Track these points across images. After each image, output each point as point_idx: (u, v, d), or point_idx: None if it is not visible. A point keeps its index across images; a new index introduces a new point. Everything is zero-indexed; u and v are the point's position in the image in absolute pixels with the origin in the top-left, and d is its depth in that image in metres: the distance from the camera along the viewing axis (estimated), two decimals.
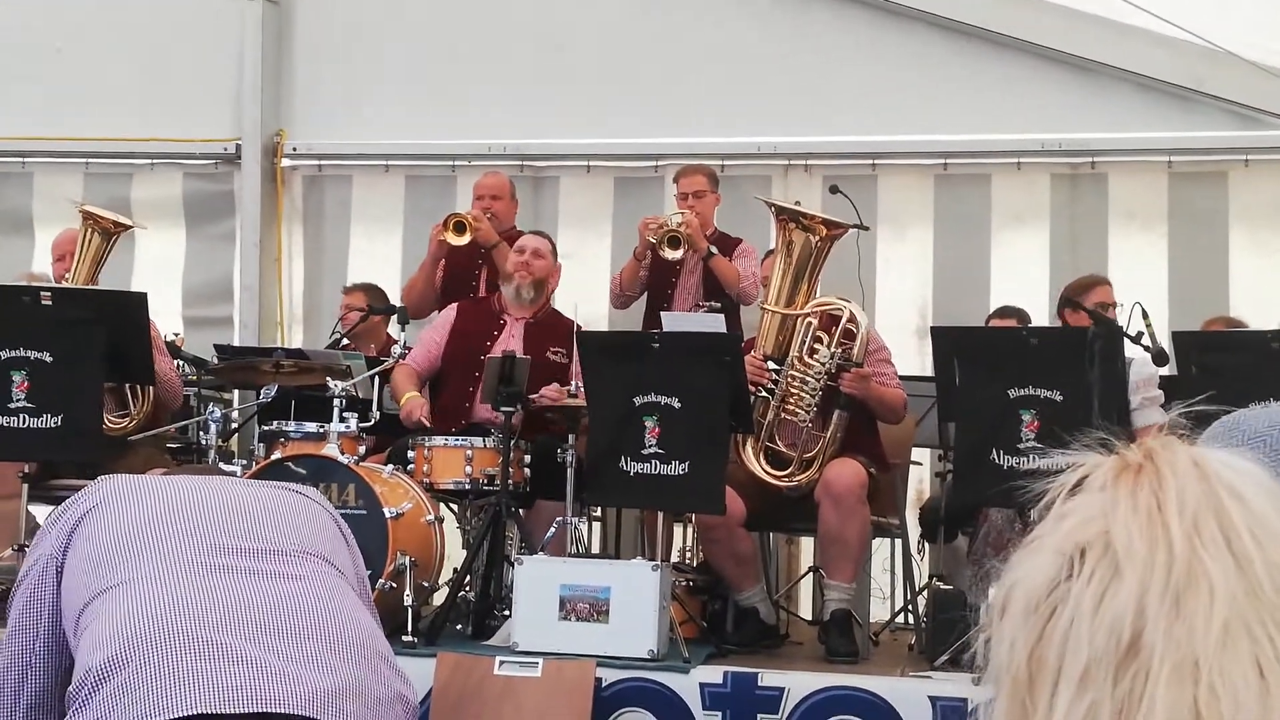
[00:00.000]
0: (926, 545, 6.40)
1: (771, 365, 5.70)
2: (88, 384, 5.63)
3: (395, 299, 7.26)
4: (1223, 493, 0.96)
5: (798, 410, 5.68)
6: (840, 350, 5.68)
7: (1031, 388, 5.36)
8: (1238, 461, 0.99)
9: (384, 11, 8.36)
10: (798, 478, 5.67)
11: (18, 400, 5.51)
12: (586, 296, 7.14)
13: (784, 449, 5.73)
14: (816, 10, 7.82)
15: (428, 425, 6.06)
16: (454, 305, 6.72)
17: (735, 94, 7.86)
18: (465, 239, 6.81)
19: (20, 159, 8.59)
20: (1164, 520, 0.95)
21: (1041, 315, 6.78)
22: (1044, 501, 1.00)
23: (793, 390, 5.69)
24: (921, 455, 6.84)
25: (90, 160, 8.55)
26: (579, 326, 6.38)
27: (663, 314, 6.65)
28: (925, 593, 5.95)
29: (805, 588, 6.70)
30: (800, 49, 7.83)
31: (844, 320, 5.68)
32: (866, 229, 6.03)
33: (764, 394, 5.69)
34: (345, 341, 7.16)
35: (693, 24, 7.98)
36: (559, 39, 8.13)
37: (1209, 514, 0.95)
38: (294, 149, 8.47)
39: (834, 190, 6.10)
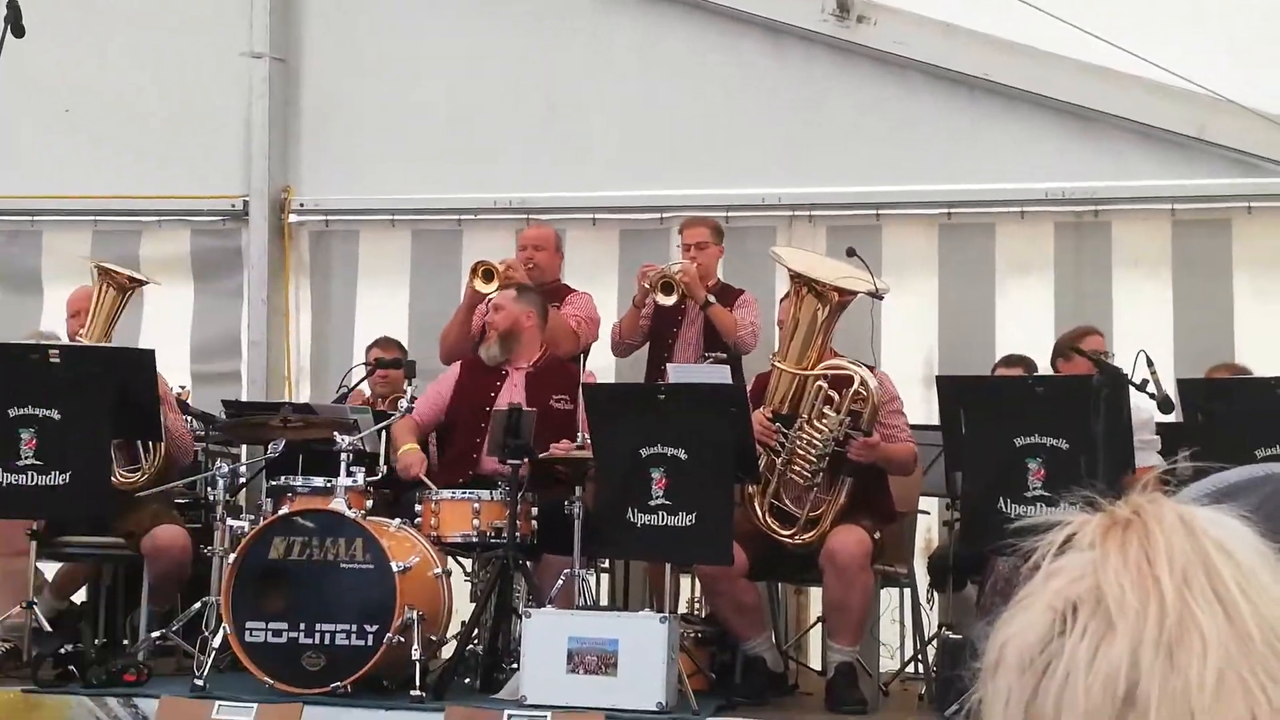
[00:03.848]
0: (935, 594, 6.38)
1: (779, 426, 5.70)
2: (96, 441, 5.65)
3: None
4: (1210, 547, 0.97)
5: (803, 472, 5.67)
6: (849, 416, 5.67)
7: (1037, 436, 5.37)
8: (1224, 519, 1.00)
9: (390, 68, 8.42)
10: (802, 536, 5.66)
11: (26, 458, 5.52)
12: (594, 348, 7.17)
13: (790, 506, 5.72)
14: (818, 62, 7.87)
15: (424, 481, 6.04)
16: (459, 362, 6.73)
17: (739, 146, 7.90)
18: (493, 286, 6.79)
19: (29, 217, 8.63)
20: (1154, 574, 0.96)
21: (1047, 364, 6.77)
22: (1031, 561, 1.01)
23: (799, 452, 5.68)
24: (929, 504, 6.83)
25: (99, 218, 8.59)
26: (589, 374, 6.38)
27: (668, 365, 6.66)
28: (934, 642, 5.93)
29: (814, 638, 6.68)
30: (803, 101, 7.87)
31: (855, 385, 5.67)
32: (881, 297, 6.03)
33: (770, 453, 5.69)
34: (368, 394, 7.22)
35: (695, 77, 8.03)
36: (563, 93, 8.18)
37: (1198, 568, 0.96)
38: (301, 205, 8.50)
39: (850, 253, 6.10)
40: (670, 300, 6.80)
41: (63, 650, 5.49)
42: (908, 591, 6.20)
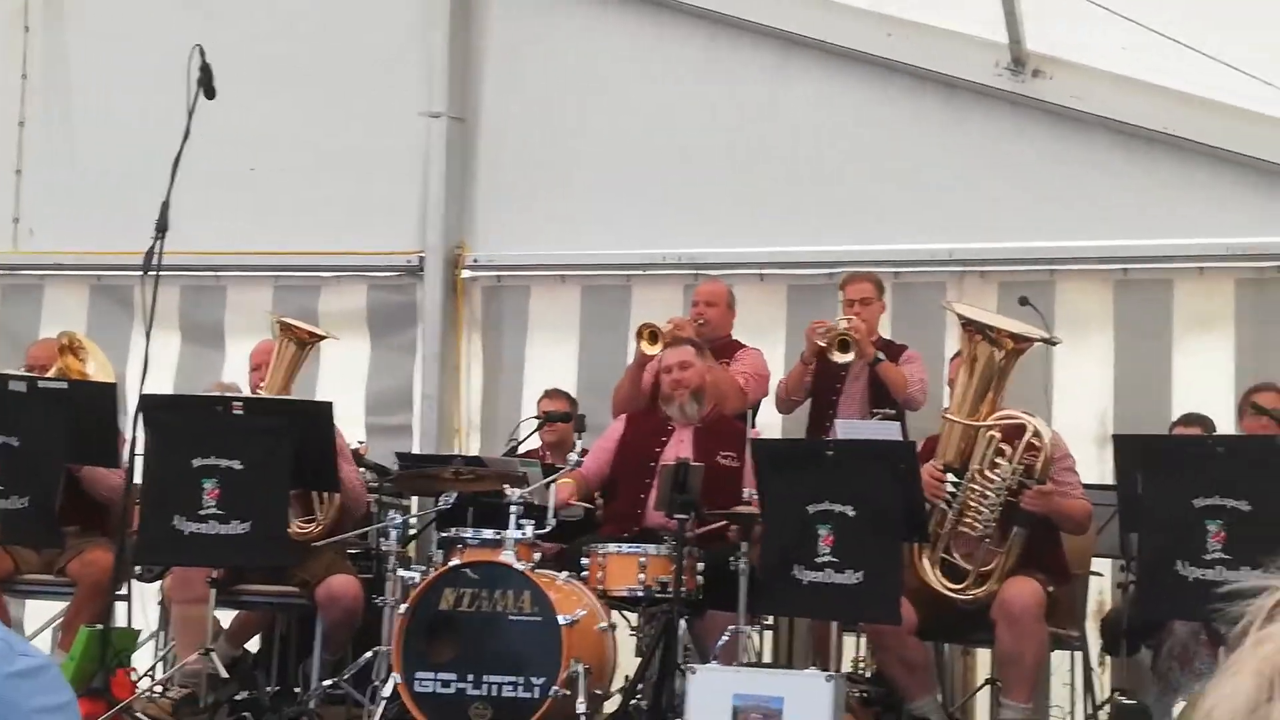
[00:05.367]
0: (1108, 658, 6.23)
1: (950, 477, 5.64)
2: (276, 491, 5.78)
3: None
4: None
5: (975, 524, 5.60)
6: (1023, 466, 5.58)
7: (1218, 497, 5.23)
8: None
9: (561, 126, 8.54)
10: (973, 592, 5.58)
11: (208, 507, 5.67)
12: (762, 404, 7.16)
13: (960, 561, 5.65)
14: (991, 116, 7.79)
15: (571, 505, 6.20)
16: (624, 415, 6.79)
17: (910, 200, 7.84)
18: (658, 347, 6.85)
19: (214, 273, 8.91)
20: None
21: (1227, 423, 6.60)
22: (1239, 627, 1.02)
23: (971, 503, 5.61)
24: (1102, 565, 6.67)
25: (280, 273, 8.83)
26: (754, 429, 6.37)
27: (837, 421, 6.63)
28: (1107, 708, 5.79)
29: (981, 700, 6.56)
30: (975, 155, 7.79)
31: (1028, 435, 5.59)
32: (1056, 343, 5.95)
33: (941, 505, 5.63)
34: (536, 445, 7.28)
35: (865, 132, 8.00)
36: (732, 149, 8.20)
37: None
38: (474, 260, 8.64)
39: (1024, 302, 6.05)
40: (847, 357, 6.78)
41: (238, 697, 5.62)
42: (1079, 655, 6.06)
